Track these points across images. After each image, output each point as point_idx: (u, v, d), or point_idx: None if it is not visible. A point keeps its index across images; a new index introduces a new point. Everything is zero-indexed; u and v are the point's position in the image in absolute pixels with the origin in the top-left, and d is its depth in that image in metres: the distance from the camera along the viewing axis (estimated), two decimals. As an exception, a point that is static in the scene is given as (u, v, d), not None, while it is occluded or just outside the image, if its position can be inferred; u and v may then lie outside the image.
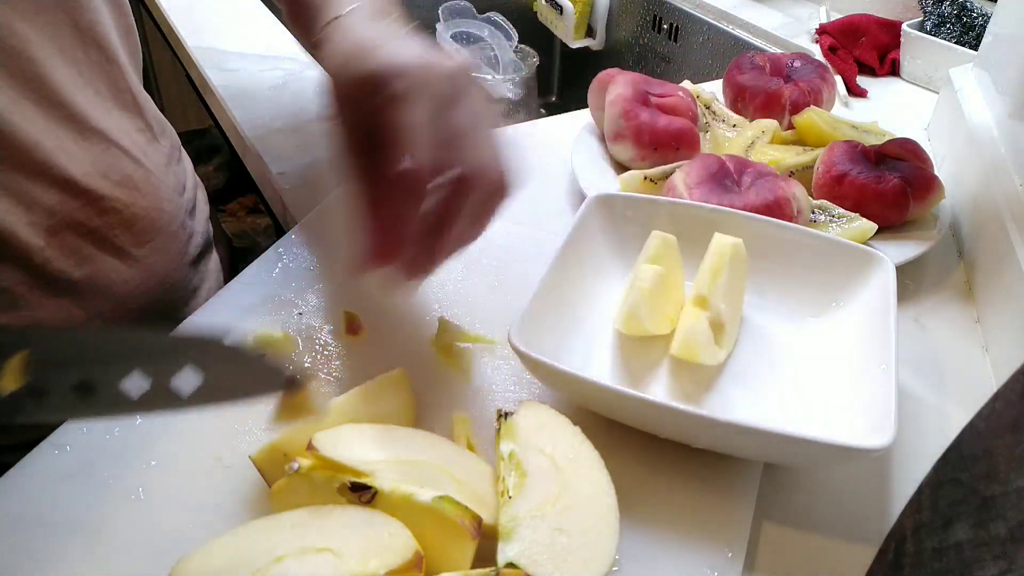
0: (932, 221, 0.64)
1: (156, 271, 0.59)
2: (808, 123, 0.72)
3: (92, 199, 0.53)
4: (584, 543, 0.36)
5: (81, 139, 0.52)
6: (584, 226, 0.55)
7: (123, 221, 0.55)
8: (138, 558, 0.39)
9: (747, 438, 0.42)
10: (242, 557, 0.35)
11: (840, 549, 0.43)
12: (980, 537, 0.26)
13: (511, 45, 1.19)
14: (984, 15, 0.90)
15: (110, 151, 0.54)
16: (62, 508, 0.41)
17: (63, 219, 0.52)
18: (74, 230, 0.53)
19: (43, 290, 0.52)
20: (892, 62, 0.97)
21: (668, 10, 1.17)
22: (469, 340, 0.52)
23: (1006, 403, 0.28)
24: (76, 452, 0.44)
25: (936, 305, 0.61)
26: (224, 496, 0.42)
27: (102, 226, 0.54)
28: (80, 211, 0.52)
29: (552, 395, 0.49)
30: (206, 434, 0.46)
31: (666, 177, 0.66)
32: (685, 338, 0.49)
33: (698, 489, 0.44)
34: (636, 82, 0.71)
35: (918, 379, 0.54)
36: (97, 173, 0.53)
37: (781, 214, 0.58)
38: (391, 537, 0.35)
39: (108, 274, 0.55)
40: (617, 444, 0.43)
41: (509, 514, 0.37)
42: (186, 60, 0.97)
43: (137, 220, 0.56)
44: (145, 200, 0.57)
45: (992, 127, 0.69)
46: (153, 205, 0.58)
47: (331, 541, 0.35)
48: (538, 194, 0.71)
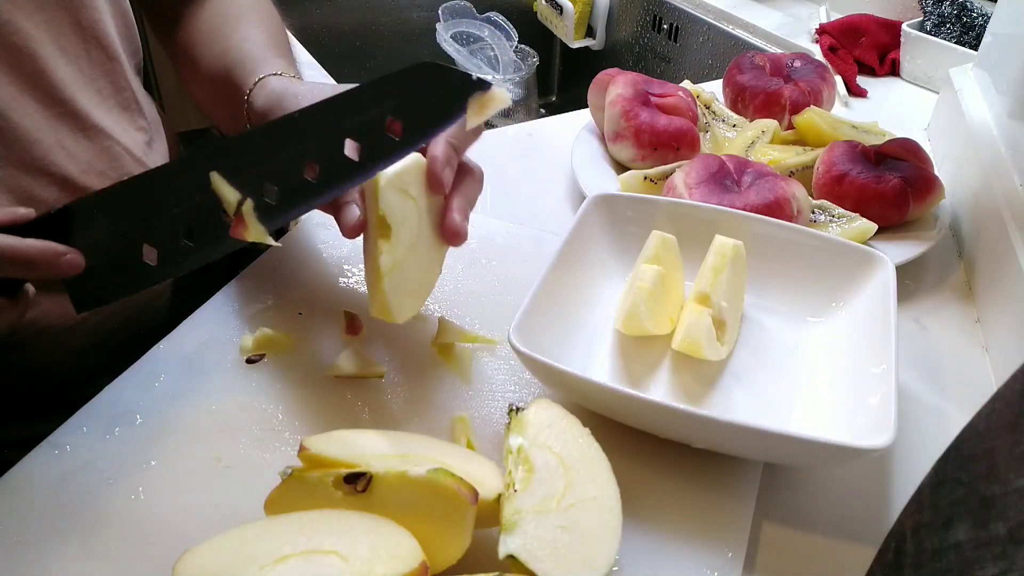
0: (932, 221, 0.64)
1: None
2: (808, 123, 0.72)
3: None
4: (586, 543, 0.36)
5: (81, 136, 0.52)
6: (584, 226, 0.55)
7: None
8: (138, 558, 0.39)
9: (747, 438, 0.42)
10: (246, 555, 0.34)
11: (840, 549, 0.43)
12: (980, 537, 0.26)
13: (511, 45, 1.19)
14: (984, 15, 0.90)
15: (110, 149, 0.54)
16: (62, 508, 0.41)
17: None
18: None
19: (39, 287, 0.52)
20: (892, 62, 0.97)
21: (668, 10, 1.17)
22: (469, 340, 0.52)
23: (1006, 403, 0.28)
24: (76, 452, 0.44)
25: (936, 305, 0.61)
26: (224, 496, 0.42)
27: None
28: None
29: (553, 394, 0.49)
30: (206, 434, 0.46)
31: (666, 177, 0.66)
32: (687, 333, 0.49)
33: (698, 489, 0.44)
34: (636, 82, 0.71)
35: (918, 379, 0.54)
36: (96, 171, 0.53)
37: (781, 214, 0.58)
38: (398, 545, 0.35)
39: None
40: (617, 444, 0.43)
41: (513, 507, 0.37)
42: (186, 60, 0.96)
43: None
44: None
45: (992, 127, 0.69)
46: None
47: (338, 544, 0.35)
48: (538, 194, 0.71)
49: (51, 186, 0.50)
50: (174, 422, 0.46)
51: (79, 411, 0.47)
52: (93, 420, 0.46)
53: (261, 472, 0.44)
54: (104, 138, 0.54)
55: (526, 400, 0.47)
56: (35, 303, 0.52)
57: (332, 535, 0.35)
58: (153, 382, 0.49)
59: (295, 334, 0.52)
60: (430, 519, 0.36)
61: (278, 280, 0.57)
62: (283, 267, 0.58)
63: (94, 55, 0.53)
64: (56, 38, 0.49)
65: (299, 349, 0.52)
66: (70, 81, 0.51)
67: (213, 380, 0.49)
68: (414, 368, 0.51)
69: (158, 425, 0.46)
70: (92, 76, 0.53)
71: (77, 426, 0.46)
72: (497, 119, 1.18)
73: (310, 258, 0.59)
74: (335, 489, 0.37)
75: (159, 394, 0.48)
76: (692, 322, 0.49)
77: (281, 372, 0.50)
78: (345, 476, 0.37)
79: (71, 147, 0.51)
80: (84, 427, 0.46)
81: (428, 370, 0.51)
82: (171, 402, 0.47)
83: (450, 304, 0.56)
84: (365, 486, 0.37)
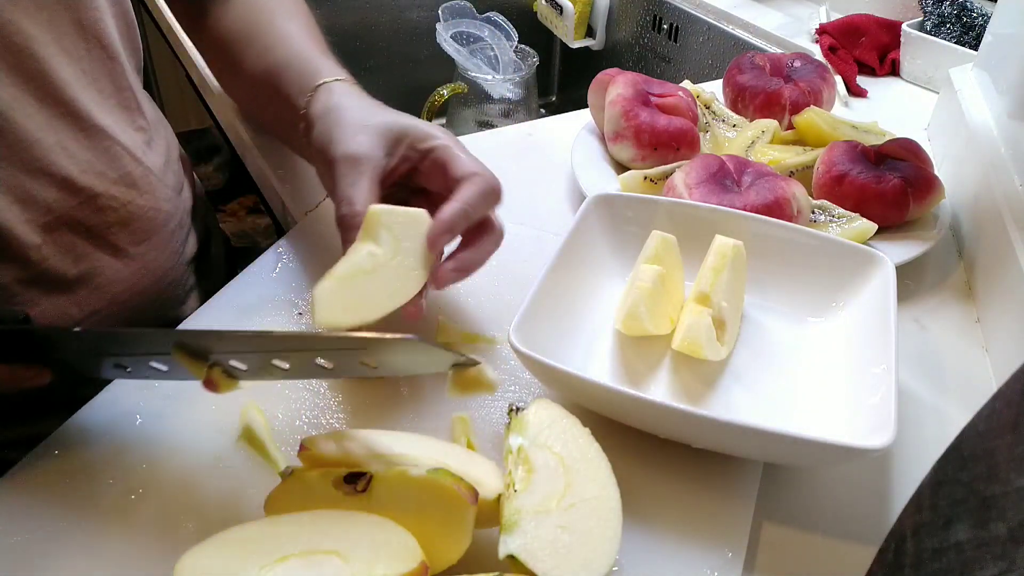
0: (932, 221, 0.64)
1: (152, 269, 0.59)
2: (808, 123, 0.72)
3: (89, 197, 0.53)
4: (586, 544, 0.36)
5: (81, 136, 0.52)
6: (584, 226, 0.55)
7: (120, 219, 0.55)
8: (138, 558, 0.39)
9: (747, 438, 0.42)
10: (246, 555, 0.34)
11: (840, 549, 0.43)
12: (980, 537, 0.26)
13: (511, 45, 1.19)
14: (984, 15, 0.90)
15: (110, 149, 0.54)
16: (62, 508, 0.41)
17: (60, 216, 0.52)
18: (71, 228, 0.52)
19: (39, 287, 0.52)
20: (892, 62, 0.97)
21: (668, 10, 1.17)
22: (469, 340, 0.52)
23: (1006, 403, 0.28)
24: (76, 452, 0.44)
25: (936, 305, 0.61)
26: (224, 496, 0.42)
27: (99, 224, 0.54)
28: (77, 209, 0.52)
29: (553, 394, 0.49)
30: (206, 434, 0.46)
31: (666, 177, 0.66)
32: (687, 333, 0.49)
33: (698, 489, 0.44)
34: (636, 82, 0.71)
35: (918, 379, 0.54)
36: (95, 171, 0.53)
37: (781, 214, 0.58)
38: (398, 545, 0.35)
39: (104, 272, 0.55)
40: (617, 444, 0.43)
41: (513, 507, 0.37)
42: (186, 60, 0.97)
43: (134, 218, 0.56)
44: (143, 198, 0.57)
45: (992, 127, 0.69)
46: (151, 204, 0.58)
47: (338, 544, 0.35)
48: (538, 194, 0.71)
49: (51, 186, 0.50)
50: (174, 422, 0.46)
51: (79, 411, 0.47)
52: (93, 420, 0.46)
53: (261, 472, 0.44)
54: (104, 138, 0.54)
55: (526, 400, 0.47)
56: (33, 301, 0.52)
57: (332, 535, 0.35)
58: (153, 382, 0.49)
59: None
60: (430, 519, 0.36)
61: (278, 280, 0.57)
62: (283, 267, 0.58)
63: (95, 55, 0.53)
64: (58, 38, 0.49)
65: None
66: (72, 81, 0.51)
67: (213, 380, 0.49)
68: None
69: (158, 425, 0.46)
70: (93, 76, 0.53)
71: (77, 426, 0.46)
72: (497, 119, 1.18)
73: (310, 258, 0.59)
74: (335, 489, 0.37)
75: (159, 394, 0.48)
76: (692, 322, 0.49)
77: (281, 372, 0.50)
78: (345, 476, 0.37)
79: (71, 147, 0.51)
80: (84, 427, 0.46)
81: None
82: (171, 402, 0.47)
83: (450, 304, 0.56)
84: (365, 486, 0.37)
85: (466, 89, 1.14)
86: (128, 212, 0.56)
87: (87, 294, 0.55)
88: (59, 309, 0.53)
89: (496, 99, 1.16)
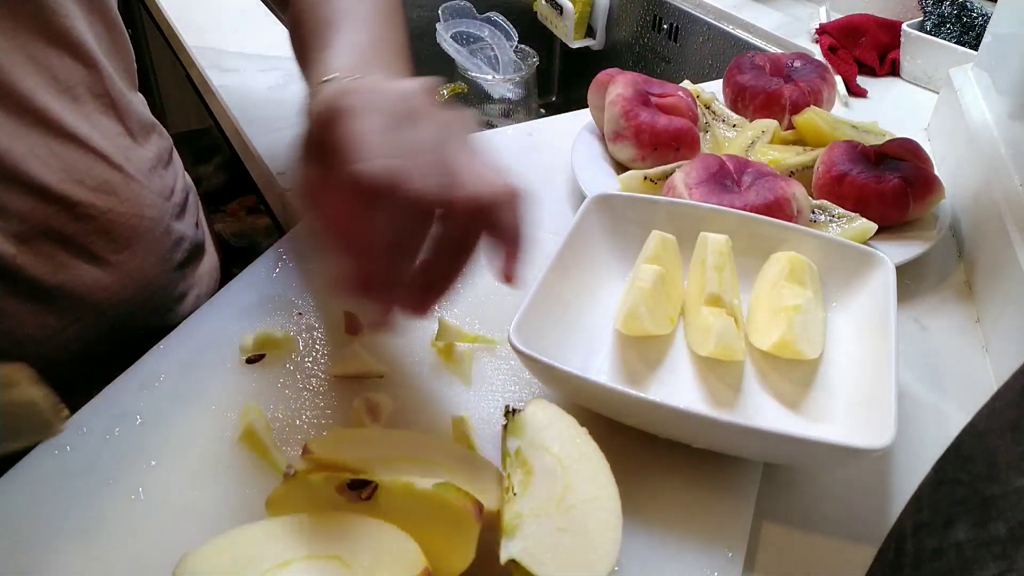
0: (932, 221, 0.64)
1: (136, 277, 0.58)
2: (808, 123, 0.72)
3: (67, 205, 0.52)
4: (586, 545, 0.36)
5: (55, 144, 0.51)
6: (584, 226, 0.55)
7: (100, 227, 0.54)
8: (138, 558, 0.39)
9: (747, 438, 0.42)
10: (248, 558, 0.34)
11: (840, 549, 0.43)
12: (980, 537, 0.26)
13: (511, 45, 1.19)
14: (984, 15, 0.90)
15: (86, 156, 0.53)
16: (62, 508, 0.41)
17: (36, 225, 0.50)
18: (48, 237, 0.51)
19: (17, 298, 0.51)
20: (892, 62, 0.96)
21: (668, 10, 1.17)
22: (469, 340, 0.52)
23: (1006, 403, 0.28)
24: (76, 452, 0.44)
25: (936, 305, 0.61)
26: (224, 497, 0.42)
27: (77, 232, 0.53)
28: (54, 217, 0.51)
29: (553, 394, 0.49)
30: (206, 434, 0.46)
31: (666, 177, 0.66)
32: (720, 340, 0.48)
33: (698, 489, 0.44)
34: (636, 82, 0.71)
35: (918, 379, 0.54)
36: (73, 179, 0.52)
37: (781, 214, 0.58)
38: (400, 550, 0.35)
39: (85, 281, 0.54)
40: (617, 444, 0.43)
41: (513, 511, 0.37)
42: (186, 60, 0.97)
43: (115, 226, 0.55)
44: (124, 206, 0.56)
45: (992, 127, 0.69)
46: (133, 211, 0.56)
47: (339, 549, 0.35)
48: (538, 194, 0.71)
49: (25, 195, 0.49)
50: (174, 422, 0.46)
51: (79, 411, 0.47)
52: (93, 420, 0.46)
53: (261, 472, 0.44)
54: (80, 145, 0.52)
55: (526, 400, 0.47)
56: (11, 312, 0.51)
57: (334, 540, 0.35)
58: (153, 382, 0.49)
59: (295, 334, 0.52)
60: (435, 533, 0.36)
61: (278, 280, 0.57)
62: (283, 267, 0.58)
63: (68, 62, 0.52)
64: (22, 47, 0.48)
65: (299, 349, 0.52)
66: (40, 89, 0.50)
67: (213, 380, 0.49)
68: (414, 368, 0.51)
69: (158, 425, 0.46)
70: (67, 84, 0.52)
71: (77, 426, 0.46)
72: (497, 119, 1.18)
73: (310, 258, 0.59)
74: (339, 494, 0.37)
75: (159, 394, 0.48)
76: (721, 328, 0.48)
77: (281, 372, 0.50)
78: (350, 482, 0.37)
79: (44, 155, 0.50)
80: (84, 427, 0.46)
81: (428, 370, 0.51)
82: (171, 402, 0.47)
83: (450, 304, 0.56)
84: (370, 494, 0.37)
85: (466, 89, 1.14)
86: (108, 220, 0.54)
87: (67, 303, 0.53)
88: (39, 319, 0.52)
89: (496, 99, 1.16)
